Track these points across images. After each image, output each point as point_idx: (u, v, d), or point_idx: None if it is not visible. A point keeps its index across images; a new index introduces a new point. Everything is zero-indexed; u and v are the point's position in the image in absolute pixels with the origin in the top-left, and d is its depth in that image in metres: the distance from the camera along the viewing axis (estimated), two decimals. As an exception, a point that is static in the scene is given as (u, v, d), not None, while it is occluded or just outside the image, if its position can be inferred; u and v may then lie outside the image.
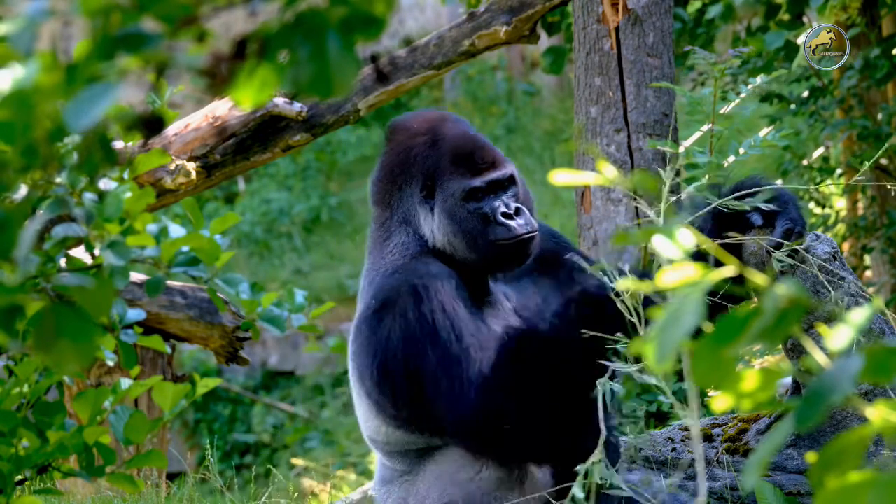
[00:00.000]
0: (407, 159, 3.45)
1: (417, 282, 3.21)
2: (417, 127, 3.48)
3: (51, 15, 1.45)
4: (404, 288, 3.21)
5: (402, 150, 3.47)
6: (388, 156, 3.51)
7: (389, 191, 3.48)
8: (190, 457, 9.63)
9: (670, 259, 1.43)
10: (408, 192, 3.46)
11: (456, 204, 3.38)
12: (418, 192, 3.44)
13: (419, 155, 3.44)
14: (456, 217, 3.37)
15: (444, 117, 3.51)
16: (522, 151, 14.73)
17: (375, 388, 3.29)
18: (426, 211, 3.43)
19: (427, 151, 3.43)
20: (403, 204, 3.46)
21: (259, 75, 1.37)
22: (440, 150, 3.43)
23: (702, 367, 1.38)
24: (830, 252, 3.50)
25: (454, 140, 3.43)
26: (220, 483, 4.62)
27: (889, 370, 1.34)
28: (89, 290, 1.61)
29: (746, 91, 4.77)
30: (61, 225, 1.83)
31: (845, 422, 3.53)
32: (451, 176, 3.39)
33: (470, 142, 3.44)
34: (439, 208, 3.40)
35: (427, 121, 3.50)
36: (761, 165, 10.38)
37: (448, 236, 3.39)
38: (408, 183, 3.45)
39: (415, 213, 3.44)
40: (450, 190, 3.39)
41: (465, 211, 3.38)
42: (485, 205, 3.38)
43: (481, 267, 3.39)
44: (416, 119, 3.52)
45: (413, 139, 3.47)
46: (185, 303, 5.82)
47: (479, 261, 3.37)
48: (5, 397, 2.24)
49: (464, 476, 3.28)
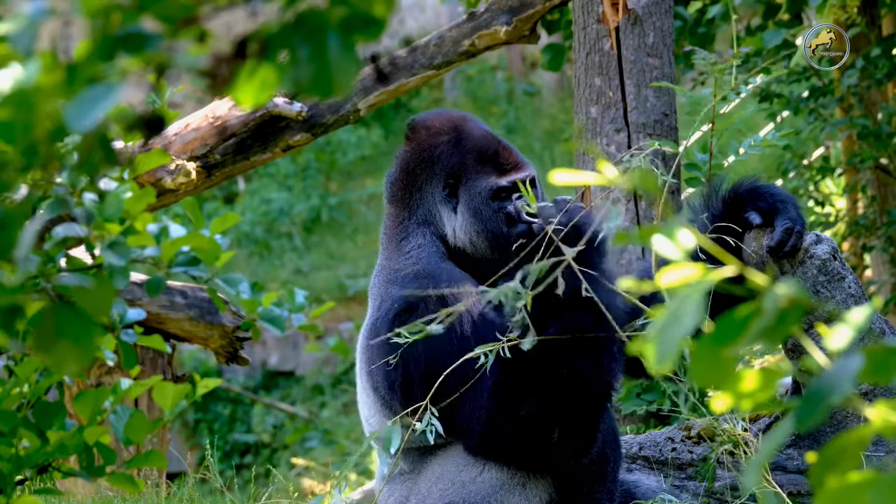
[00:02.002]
0: (430, 157, 3.45)
1: (445, 290, 3.21)
2: (440, 126, 3.48)
3: (51, 15, 1.45)
4: (433, 296, 3.21)
5: (424, 149, 3.47)
6: (407, 154, 3.50)
7: (409, 189, 3.48)
8: (190, 457, 9.63)
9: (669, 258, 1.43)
10: (428, 191, 3.46)
11: (482, 202, 3.39)
12: (440, 191, 3.44)
13: (443, 153, 3.44)
14: (481, 215, 3.39)
15: (465, 117, 3.52)
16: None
17: (388, 388, 3.29)
18: (448, 210, 3.43)
19: (451, 150, 3.44)
20: (424, 203, 3.46)
21: (259, 75, 1.37)
22: (464, 148, 3.43)
23: (702, 367, 1.38)
24: (830, 252, 3.50)
25: (479, 140, 3.44)
26: (220, 483, 4.62)
27: (889, 370, 1.34)
28: (89, 290, 1.61)
29: (746, 91, 4.77)
30: (62, 225, 1.83)
31: (845, 422, 3.53)
32: (476, 175, 3.41)
33: (494, 142, 3.46)
34: (464, 207, 3.41)
35: (450, 120, 3.50)
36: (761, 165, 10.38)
37: (471, 235, 3.40)
38: (429, 181, 3.45)
39: (436, 212, 3.44)
40: (476, 189, 3.40)
41: (490, 210, 3.39)
42: (509, 204, 3.40)
43: (500, 266, 3.39)
44: (438, 118, 3.52)
45: (435, 137, 3.47)
46: (185, 303, 5.82)
47: (500, 260, 3.37)
48: (5, 397, 2.24)
49: (466, 477, 3.27)
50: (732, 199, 3.46)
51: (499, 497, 3.25)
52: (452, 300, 3.20)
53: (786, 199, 3.44)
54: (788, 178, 8.07)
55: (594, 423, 3.14)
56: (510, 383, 3.10)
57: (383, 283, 3.41)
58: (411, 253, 3.41)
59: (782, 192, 3.48)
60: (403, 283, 3.32)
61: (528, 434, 3.12)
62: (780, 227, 3.39)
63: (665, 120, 5.04)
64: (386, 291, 3.37)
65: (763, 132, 6.01)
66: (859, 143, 7.46)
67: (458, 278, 3.28)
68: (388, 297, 3.34)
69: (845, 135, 7.68)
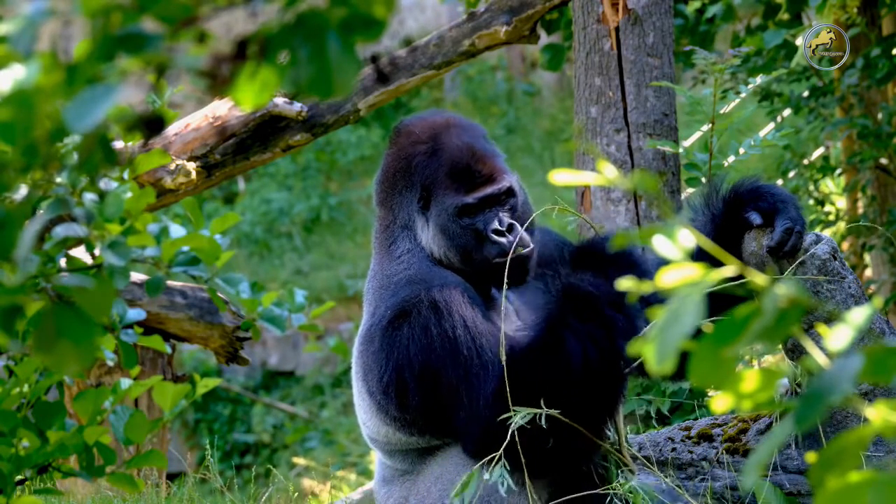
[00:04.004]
0: (407, 166, 3.43)
1: (437, 295, 3.20)
2: (419, 133, 3.45)
3: (51, 15, 1.45)
4: (424, 301, 3.20)
5: (403, 157, 3.45)
6: (390, 159, 3.49)
7: (391, 194, 3.47)
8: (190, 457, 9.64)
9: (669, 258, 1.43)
10: (407, 199, 3.44)
11: (449, 219, 3.36)
12: (416, 202, 3.42)
13: (419, 164, 3.42)
14: (449, 232, 3.36)
15: (448, 124, 3.47)
16: (522, 151, 14.74)
17: (382, 392, 3.29)
18: (423, 221, 3.41)
19: (426, 161, 3.41)
20: (404, 209, 3.45)
21: (260, 77, 1.37)
22: (439, 161, 3.39)
23: (702, 368, 1.38)
24: (830, 252, 3.50)
25: (452, 152, 3.39)
26: (220, 483, 4.62)
27: (889, 370, 1.34)
28: (90, 290, 1.61)
29: (746, 91, 4.77)
30: (62, 225, 1.83)
31: (845, 422, 3.53)
32: (446, 190, 3.37)
33: (468, 154, 3.39)
34: (433, 221, 3.38)
35: (430, 127, 3.46)
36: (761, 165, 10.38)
37: (443, 248, 3.38)
38: (407, 189, 3.44)
39: (413, 220, 3.43)
40: (444, 204, 3.36)
41: (457, 227, 3.35)
42: (478, 220, 3.36)
43: (478, 280, 3.38)
44: (420, 124, 3.49)
45: (414, 146, 3.44)
46: (185, 303, 5.82)
47: (475, 275, 3.36)
48: (5, 397, 2.24)
49: (465, 476, 3.28)
50: (733, 199, 3.45)
51: (498, 496, 3.25)
52: (446, 305, 3.19)
53: (786, 199, 3.43)
54: (788, 177, 8.08)
55: (595, 431, 3.15)
56: (510, 389, 3.09)
57: (377, 288, 3.41)
58: (402, 258, 3.40)
59: (783, 192, 3.47)
60: (396, 289, 3.31)
61: (528, 440, 3.12)
62: (780, 227, 3.39)
63: (665, 120, 5.04)
64: (379, 297, 3.37)
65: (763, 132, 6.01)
66: (859, 143, 7.47)
67: (450, 283, 3.27)
68: (381, 302, 3.34)
69: (845, 135, 7.69)
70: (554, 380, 3.08)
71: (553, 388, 3.08)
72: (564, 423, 3.09)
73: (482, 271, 3.35)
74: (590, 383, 3.07)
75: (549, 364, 3.09)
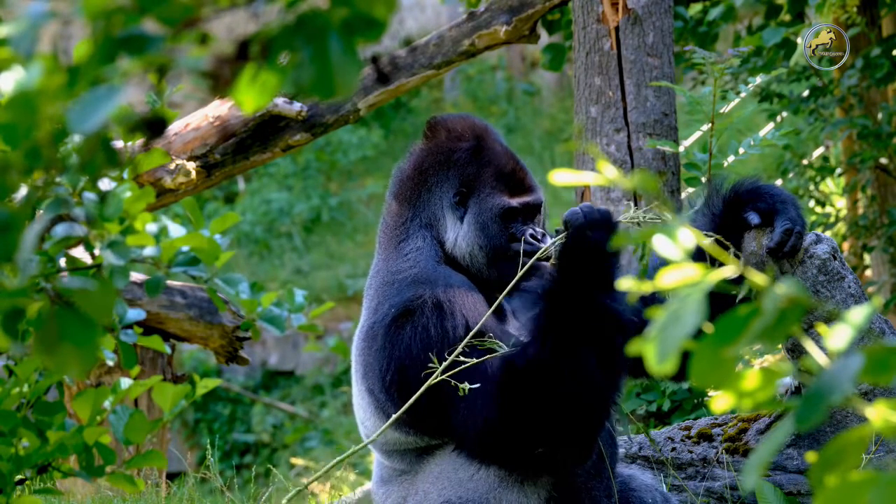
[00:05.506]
0: (446, 161, 3.44)
1: (441, 295, 3.21)
2: (462, 131, 3.47)
3: (52, 17, 1.45)
4: (429, 301, 3.21)
5: (441, 151, 3.45)
6: (423, 152, 3.49)
7: (417, 188, 3.46)
8: (190, 457, 9.64)
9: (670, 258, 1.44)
10: (437, 194, 3.45)
11: (490, 219, 3.39)
12: (450, 196, 3.43)
13: (460, 160, 3.43)
14: (487, 231, 3.39)
15: (487, 128, 3.51)
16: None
17: (383, 392, 3.29)
18: (454, 217, 3.42)
19: (469, 158, 3.43)
20: (431, 205, 3.45)
21: (261, 78, 1.38)
22: (483, 160, 3.43)
23: (702, 367, 1.38)
24: (830, 252, 3.50)
25: (499, 155, 3.44)
26: (220, 483, 4.63)
27: (889, 370, 1.34)
28: (91, 292, 1.61)
29: (746, 90, 4.78)
30: (62, 225, 1.83)
31: (845, 422, 3.53)
32: (490, 190, 3.41)
33: (513, 161, 3.46)
34: (471, 218, 3.40)
35: (472, 127, 3.49)
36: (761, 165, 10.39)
37: (472, 247, 3.39)
38: (440, 184, 3.44)
39: (441, 216, 3.43)
40: (487, 204, 3.40)
41: (497, 227, 3.39)
42: (515, 226, 3.40)
43: (492, 282, 3.39)
44: (461, 122, 3.50)
45: (456, 142, 3.45)
46: (185, 302, 5.82)
47: (495, 277, 3.38)
48: (5, 397, 2.24)
49: (463, 475, 3.28)
50: (732, 200, 3.46)
51: (497, 495, 3.25)
52: (449, 305, 3.20)
53: (786, 200, 3.44)
54: (788, 178, 8.08)
55: (594, 435, 3.15)
56: (510, 391, 3.10)
57: (380, 285, 3.40)
58: (409, 255, 3.40)
59: (783, 192, 3.48)
60: (401, 287, 3.31)
61: (527, 443, 3.12)
62: (779, 227, 3.40)
63: (665, 120, 5.04)
64: (383, 294, 3.36)
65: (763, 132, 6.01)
66: (859, 143, 7.47)
67: (455, 283, 3.27)
68: (384, 300, 3.33)
69: (845, 135, 7.69)
70: (550, 384, 3.08)
71: (549, 392, 3.08)
72: (560, 427, 3.10)
73: (505, 274, 3.36)
74: (585, 388, 3.08)
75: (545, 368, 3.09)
